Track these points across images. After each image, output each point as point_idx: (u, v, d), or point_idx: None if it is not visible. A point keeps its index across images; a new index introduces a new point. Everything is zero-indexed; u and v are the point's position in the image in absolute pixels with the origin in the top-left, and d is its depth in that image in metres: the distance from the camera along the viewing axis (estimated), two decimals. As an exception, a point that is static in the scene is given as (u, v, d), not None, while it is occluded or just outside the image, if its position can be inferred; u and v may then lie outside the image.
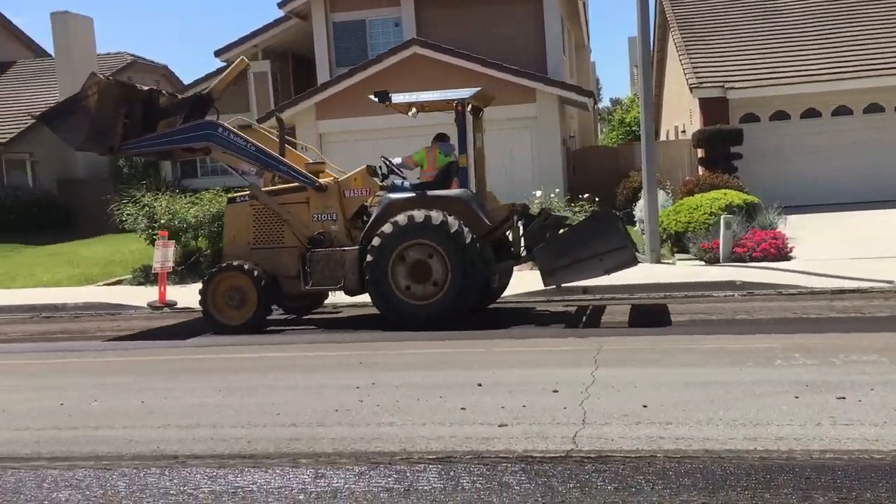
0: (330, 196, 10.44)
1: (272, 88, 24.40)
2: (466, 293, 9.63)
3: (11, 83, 27.55)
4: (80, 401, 6.72)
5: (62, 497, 4.59)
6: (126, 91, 10.96)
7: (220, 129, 10.54)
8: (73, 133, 10.71)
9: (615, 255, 9.63)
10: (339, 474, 4.71)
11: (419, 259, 9.66)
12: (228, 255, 10.80)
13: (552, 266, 9.86)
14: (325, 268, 10.13)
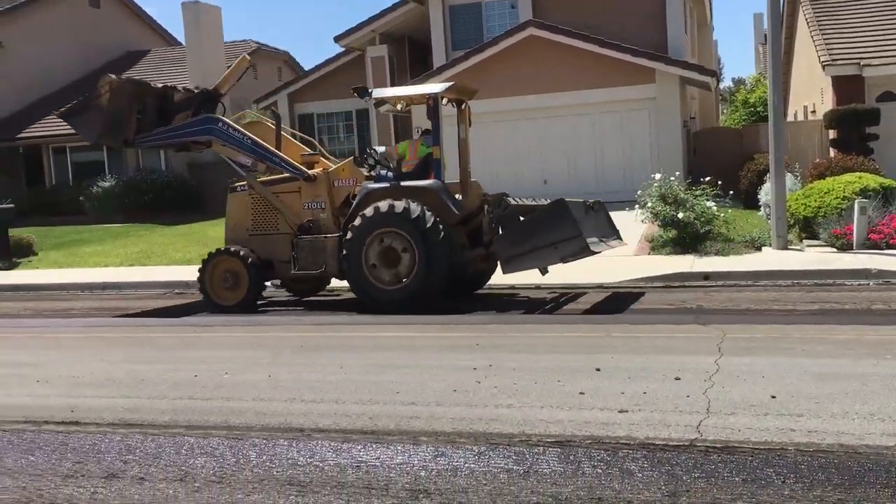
0: (319, 186, 10.98)
1: (389, 72, 24.75)
2: (433, 278, 10.00)
3: (145, 71, 29.03)
4: (212, 373, 7.05)
5: (198, 463, 4.84)
6: (139, 88, 11.73)
7: (220, 123, 11.30)
8: (89, 128, 11.58)
9: (568, 243, 9.80)
10: (459, 453, 4.76)
11: (389, 246, 10.12)
12: (229, 240, 11.51)
13: (510, 254, 10.15)
14: (310, 253, 10.76)
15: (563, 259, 9.97)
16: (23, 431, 5.61)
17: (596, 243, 10.24)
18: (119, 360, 7.88)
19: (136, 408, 6.05)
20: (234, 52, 29.69)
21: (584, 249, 9.85)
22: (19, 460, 5.03)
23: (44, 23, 27.92)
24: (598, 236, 10.62)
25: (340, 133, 27.07)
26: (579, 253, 9.89)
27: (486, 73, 20.08)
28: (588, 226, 10.36)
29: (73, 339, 9.50)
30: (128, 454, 5.05)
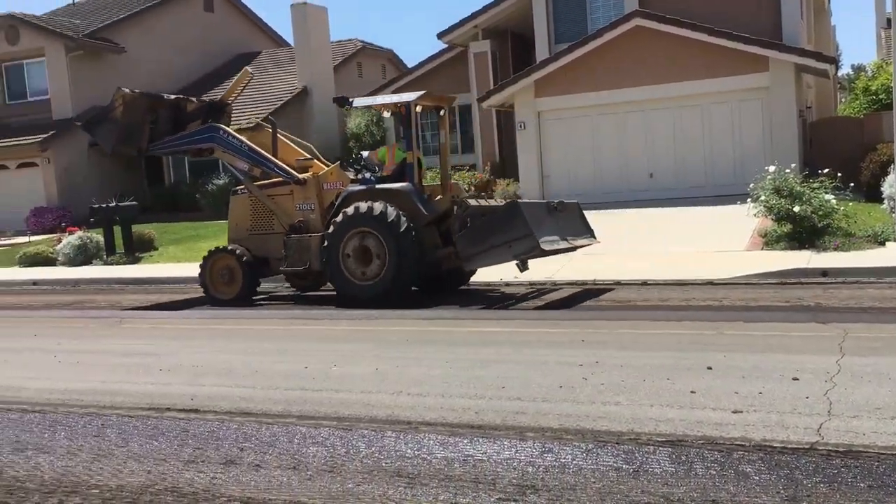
0: (309, 189, 11.73)
1: (491, 68, 24.73)
2: (403, 275, 10.69)
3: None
4: (321, 365, 7.24)
5: (310, 452, 4.97)
6: (152, 101, 12.73)
7: (221, 131, 12.29)
8: (106, 138, 12.58)
9: (521, 242, 10.29)
10: (566, 450, 4.71)
11: (363, 245, 10.82)
12: (231, 239, 12.45)
13: (469, 252, 10.75)
14: (297, 251, 11.54)
15: (516, 256, 10.44)
16: (147, 418, 5.90)
17: (554, 241, 10.70)
18: (234, 351, 8.18)
19: (251, 397, 6.27)
20: (341, 50, 30.38)
21: (535, 248, 10.28)
22: (144, 445, 5.29)
23: (162, 28, 29.28)
24: (563, 235, 11.06)
25: (443, 129, 27.21)
26: (530, 251, 10.35)
27: (591, 65, 19.81)
28: (548, 226, 10.80)
29: (192, 329, 9.94)
30: (244, 442, 5.24)
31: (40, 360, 8.24)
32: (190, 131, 12.67)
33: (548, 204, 11.39)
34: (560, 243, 10.89)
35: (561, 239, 10.95)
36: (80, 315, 11.91)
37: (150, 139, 12.62)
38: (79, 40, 26.27)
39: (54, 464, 5.02)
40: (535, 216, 10.70)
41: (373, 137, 26.26)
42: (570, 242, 11.22)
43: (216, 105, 13.40)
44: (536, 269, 12.60)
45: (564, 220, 11.44)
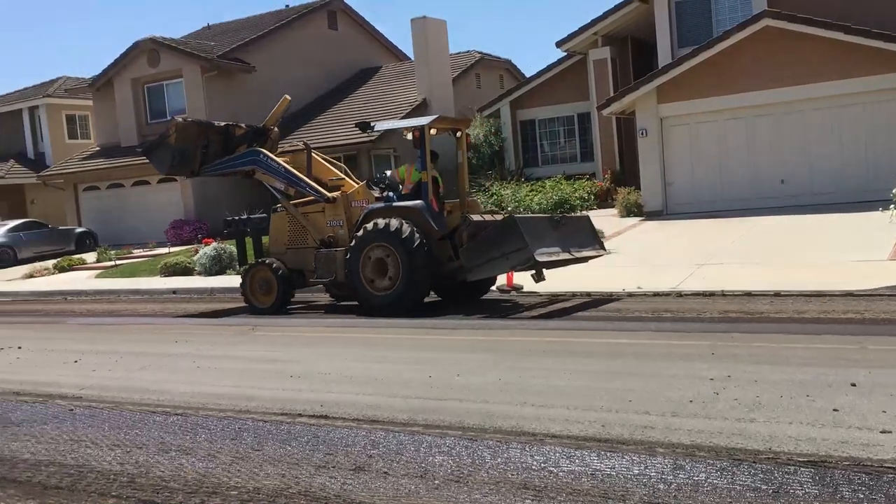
0: (338, 206, 12.69)
1: (611, 74, 24.39)
2: (415, 286, 11.49)
3: (378, 86, 30.76)
4: (444, 374, 7.30)
5: (437, 461, 5.02)
6: (203, 128, 13.87)
7: (262, 155, 13.33)
8: (162, 163, 13.79)
9: (517, 254, 10.95)
10: (699, 467, 4.56)
11: (380, 258, 11.65)
12: (272, 252, 13.47)
13: (472, 263, 11.42)
14: (325, 264, 12.53)
15: (513, 267, 11.33)
16: (280, 423, 6.12)
17: (553, 253, 11.33)
18: (359, 359, 8.37)
19: (378, 405, 6.39)
20: (459, 62, 30.69)
21: (530, 259, 10.89)
22: (278, 450, 5.48)
23: (289, 46, 30.44)
24: (566, 247, 11.67)
25: (561, 138, 27.04)
26: (525, 262, 11.01)
27: (717, 69, 19.18)
28: (549, 239, 11.46)
29: (319, 338, 10.24)
30: (372, 449, 5.34)
31: (181, 365, 8.69)
32: (236, 155, 13.82)
33: (551, 217, 12.21)
34: (561, 255, 11.51)
35: (563, 251, 11.56)
36: (216, 322, 12.50)
37: (203, 162, 13.81)
38: (213, 61, 27.67)
39: (196, 465, 5.27)
40: (535, 230, 11.34)
41: (491, 147, 26.37)
42: (573, 254, 11.77)
43: (260, 130, 14.45)
44: (660, 279, 12.31)
45: (570, 233, 12.04)
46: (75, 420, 6.66)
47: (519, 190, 16.52)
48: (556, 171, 24.14)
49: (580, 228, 12.51)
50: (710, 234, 16.26)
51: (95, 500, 4.76)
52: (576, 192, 16.35)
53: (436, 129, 12.47)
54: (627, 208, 20.52)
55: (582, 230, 12.49)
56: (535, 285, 12.83)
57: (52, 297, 18.92)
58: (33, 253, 27.02)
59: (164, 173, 14.89)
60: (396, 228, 11.48)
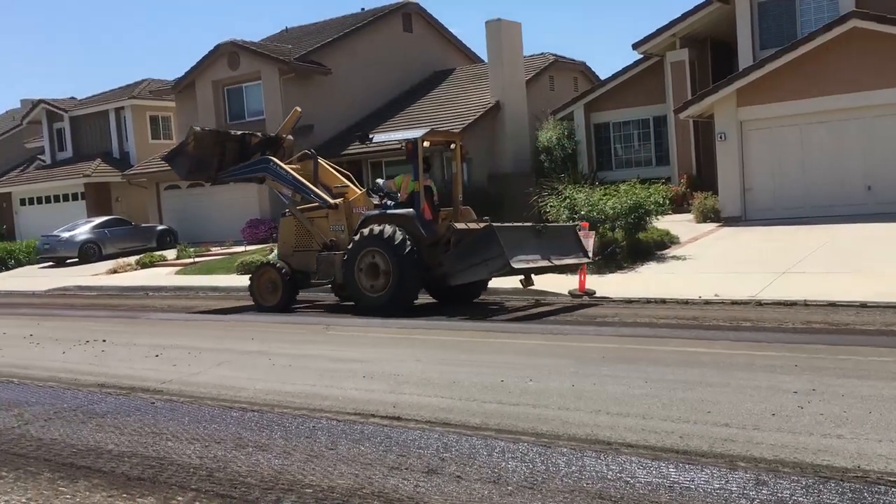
0: (340, 212, 13.65)
1: (689, 77, 23.89)
2: (405, 288, 12.34)
3: (451, 88, 30.83)
4: (517, 379, 7.25)
5: (510, 467, 4.97)
6: (220, 137, 14.94)
7: (271, 163, 14.25)
8: (181, 168, 14.78)
9: (494, 261, 11.74)
10: (783, 484, 4.40)
11: (374, 261, 12.48)
12: (281, 255, 14.45)
13: (454, 269, 12.24)
14: (325, 266, 13.45)
15: (491, 273, 12.12)
16: (353, 422, 6.17)
17: (531, 261, 12.08)
18: (431, 361, 8.38)
19: (451, 408, 6.39)
20: (533, 64, 30.53)
21: (506, 266, 11.65)
22: (351, 449, 5.52)
23: (364, 49, 30.78)
24: (546, 255, 12.38)
25: (636, 141, 26.64)
26: (502, 268, 11.78)
27: (801, 71, 18.59)
28: (529, 247, 12.22)
29: (391, 339, 10.30)
30: (445, 452, 5.33)
31: (257, 363, 8.86)
32: (249, 162, 14.79)
33: (533, 227, 12.98)
34: (540, 262, 12.26)
35: (542, 258, 12.31)
36: (290, 321, 12.71)
37: (220, 168, 14.71)
38: (291, 63, 28.17)
39: (272, 461, 5.35)
40: (514, 238, 12.10)
41: (564, 151, 26.14)
42: (553, 261, 12.49)
43: (273, 139, 15.37)
44: (738, 287, 11.99)
45: (552, 242, 12.74)
46: (157, 413, 6.85)
47: (592, 194, 16.28)
48: (630, 175, 23.73)
49: (563, 237, 13.23)
50: (791, 241, 15.77)
51: (176, 492, 4.88)
52: (650, 196, 16.01)
53: (429, 142, 13.44)
54: (704, 214, 20.06)
55: (566, 239, 13.22)
56: (608, 290, 12.76)
57: (135, 292, 19.56)
58: (117, 249, 28.01)
59: (184, 178, 16.04)
60: (389, 235, 12.31)
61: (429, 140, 13.36)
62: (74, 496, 4.92)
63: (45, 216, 34.95)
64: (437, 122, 27.42)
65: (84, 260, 27.50)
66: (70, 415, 6.93)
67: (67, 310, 16.42)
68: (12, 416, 6.99)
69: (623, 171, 25.62)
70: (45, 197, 36.54)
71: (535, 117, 27.74)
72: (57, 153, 38.38)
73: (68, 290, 21.06)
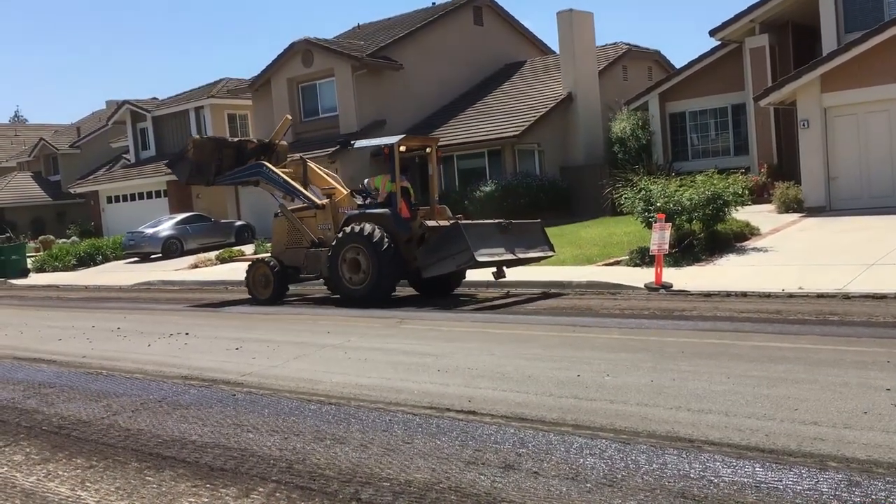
0: (327, 212, 14.77)
1: (769, 63, 23.15)
2: (383, 281, 13.35)
3: (522, 80, 30.63)
4: (594, 374, 7.14)
5: (588, 464, 4.90)
6: (217, 143, 16.01)
7: (264, 168, 15.33)
8: (182, 172, 15.95)
9: (460, 255, 12.79)
10: (877, 485, 4.21)
11: (355, 257, 13.53)
12: (273, 251, 15.62)
13: (425, 262, 13.25)
14: (312, 262, 14.65)
15: (458, 266, 13.09)
16: (429, 416, 6.17)
17: (496, 255, 13.10)
18: (506, 355, 8.34)
19: (526, 403, 6.33)
20: (605, 54, 30.07)
21: (471, 260, 12.71)
22: (427, 443, 5.53)
23: (435, 43, 30.84)
24: (511, 248, 13.40)
25: (712, 131, 25.98)
26: (468, 262, 12.84)
27: (889, 54, 17.81)
28: (495, 241, 13.24)
29: (465, 332, 10.28)
30: (521, 447, 5.28)
31: (333, 356, 8.97)
32: (244, 167, 15.71)
33: (499, 223, 13.70)
34: (505, 255, 13.25)
35: (507, 252, 13.30)
36: (363, 315, 12.83)
37: (218, 172, 15.68)
38: (363, 60, 28.43)
39: (349, 454, 5.39)
40: (480, 234, 13.13)
41: (638, 141, 25.68)
42: (518, 255, 13.48)
43: (267, 145, 16.34)
44: (824, 279, 11.56)
45: (518, 237, 13.71)
46: (237, 405, 7.00)
47: (668, 185, 15.92)
48: (707, 166, 23.13)
49: (530, 232, 14.11)
50: (880, 231, 15.12)
51: (257, 483, 4.96)
52: (729, 186, 15.55)
53: (405, 147, 14.37)
54: (786, 204, 19.43)
55: (531, 234, 14.11)
56: (685, 284, 12.48)
57: (215, 286, 20.06)
58: (198, 244, 28.80)
59: (184, 182, 17.31)
60: (369, 232, 13.30)
61: (405, 145, 14.38)
62: (160, 486, 5.06)
63: (130, 213, 36.21)
64: (509, 115, 27.30)
65: (167, 255, 28.37)
66: (155, 406, 7.15)
67: (152, 304, 16.95)
68: (101, 407, 7.24)
69: (699, 162, 25.03)
70: (129, 195, 37.83)
71: (608, 108, 27.33)
72: (140, 152, 39.67)
73: (152, 285, 21.75)
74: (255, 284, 15.28)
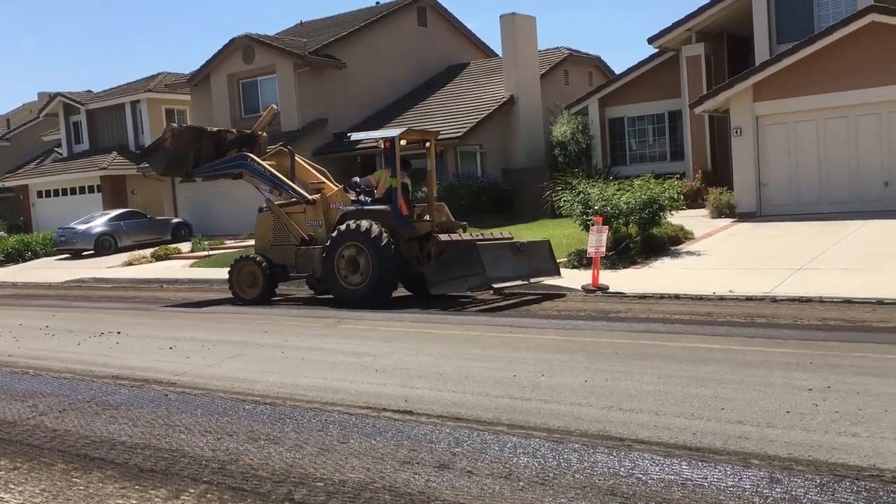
0: (318, 208, 13.99)
1: (705, 71, 23.74)
2: (384, 282, 12.75)
3: (465, 82, 30.78)
4: (530, 374, 7.23)
5: (521, 462, 4.96)
6: (196, 133, 15.08)
7: (248, 160, 14.54)
8: (158, 164, 15.08)
9: (475, 277, 12.21)
10: (797, 482, 4.37)
11: (353, 255, 12.91)
12: (258, 249, 14.65)
13: (436, 279, 12.66)
14: (304, 260, 13.85)
15: (470, 289, 12.49)
16: (365, 416, 6.17)
17: (508, 279, 12.62)
18: (444, 355, 8.38)
19: (462, 402, 6.38)
20: (547, 59, 30.41)
21: (486, 284, 12.26)
22: (363, 443, 5.52)
23: (379, 43, 30.77)
24: (522, 273, 12.94)
25: (650, 136, 26.51)
26: (482, 285, 12.34)
27: (818, 66, 18.44)
28: (508, 263, 12.73)
29: (404, 332, 10.29)
30: (456, 447, 5.32)
31: (270, 356, 8.88)
32: (226, 158, 14.99)
33: (513, 244, 13.23)
34: (515, 280, 12.81)
35: (519, 276, 12.87)
36: (303, 315, 12.73)
37: (196, 164, 14.92)
38: (305, 57, 28.19)
39: (283, 455, 5.35)
40: (495, 255, 12.55)
41: (578, 145, 26.04)
42: (527, 280, 13.05)
43: (249, 136, 15.56)
44: (753, 283, 11.91)
45: (529, 259, 13.19)
46: (170, 405, 6.88)
47: (606, 189, 16.20)
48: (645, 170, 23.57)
49: (539, 254, 13.57)
50: (807, 237, 15.65)
51: (188, 484, 4.89)
52: (665, 191, 15.90)
53: (406, 140, 13.75)
54: (719, 209, 19.95)
55: (541, 255, 13.57)
56: (621, 286, 12.71)
57: (150, 284, 19.66)
58: (132, 241, 28.17)
59: (160, 174, 16.26)
60: (367, 229, 12.70)
61: (405, 138, 13.73)
62: (87, 487, 4.95)
63: (62, 209, 35.23)
64: (452, 117, 27.39)
65: (100, 252, 27.68)
66: (84, 406, 6.98)
67: (83, 301, 16.52)
68: (27, 407, 7.05)
69: (637, 166, 25.50)
70: (61, 189, 36.79)
71: (549, 112, 27.65)
72: (73, 146, 38.61)
73: (84, 282, 21.20)
74: (240, 283, 14.41)
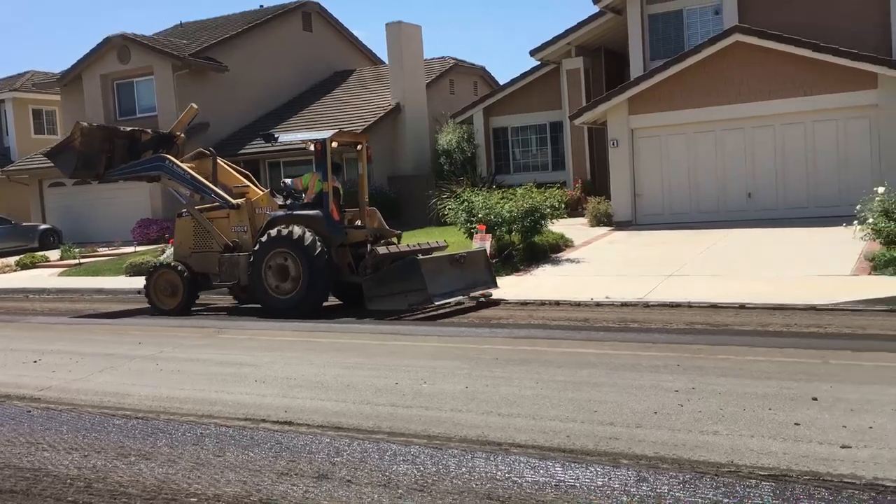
0: (242, 213, 13.36)
1: (584, 85, 24.55)
2: (316, 290, 12.26)
3: (351, 89, 30.64)
4: (412, 381, 7.27)
5: (400, 470, 4.98)
6: (108, 133, 14.30)
7: (167, 161, 13.78)
8: (67, 165, 13.98)
9: (415, 293, 11.75)
10: (662, 480, 4.57)
11: (282, 263, 12.40)
12: (176, 256, 13.95)
13: (373, 293, 12.07)
14: (229, 268, 13.17)
15: (410, 305, 11.86)
16: (243, 428, 6.04)
17: (449, 294, 12.20)
18: (327, 365, 8.31)
19: (344, 411, 6.35)
20: (433, 67, 30.68)
21: (427, 300, 11.75)
22: (240, 456, 5.41)
23: (262, 47, 30.20)
24: (460, 286, 12.49)
25: (533, 146, 27.16)
26: (423, 302, 11.78)
27: (688, 82, 19.40)
28: (447, 277, 12.29)
29: (287, 342, 10.14)
30: (336, 456, 5.29)
31: (143, 368, 8.56)
32: (142, 160, 14.22)
33: (451, 257, 12.77)
34: (456, 296, 12.41)
35: (458, 290, 12.45)
36: (181, 324, 12.33)
37: (108, 166, 14.10)
38: (185, 59, 27.35)
39: (155, 470, 5.18)
40: (434, 269, 12.14)
41: (463, 154, 26.38)
42: (467, 293, 12.63)
43: (166, 137, 14.86)
44: (628, 289, 12.39)
45: (467, 271, 12.77)
46: (33, 422, 6.53)
47: (490, 197, 16.48)
48: (528, 179, 24.17)
49: (476, 264, 13.15)
50: (677, 245, 16.41)
51: (51, 505, 4.66)
52: (546, 200, 16.33)
53: (337, 143, 13.16)
54: (597, 218, 20.63)
55: (477, 266, 13.15)
56: (503, 293, 12.95)
57: (14, 294, 18.57)
58: (-5, 249, 26.54)
59: (69, 176, 15.34)
60: (298, 236, 12.21)
61: (337, 141, 13.16)
62: (-62, 512, 4.64)
63: (-84, 213, 32.74)
64: (338, 123, 27.19)
65: (-42, 260, 25.91)
66: (-64, 426, 6.52)
67: (-62, 313, 15.43)
68: None
69: (521, 175, 26.07)
70: (-85, 193, 34.23)
71: (435, 120, 27.89)
72: (-71, 147, 36.01)
73: (-60, 293, 19.79)
74: (157, 292, 13.68)
